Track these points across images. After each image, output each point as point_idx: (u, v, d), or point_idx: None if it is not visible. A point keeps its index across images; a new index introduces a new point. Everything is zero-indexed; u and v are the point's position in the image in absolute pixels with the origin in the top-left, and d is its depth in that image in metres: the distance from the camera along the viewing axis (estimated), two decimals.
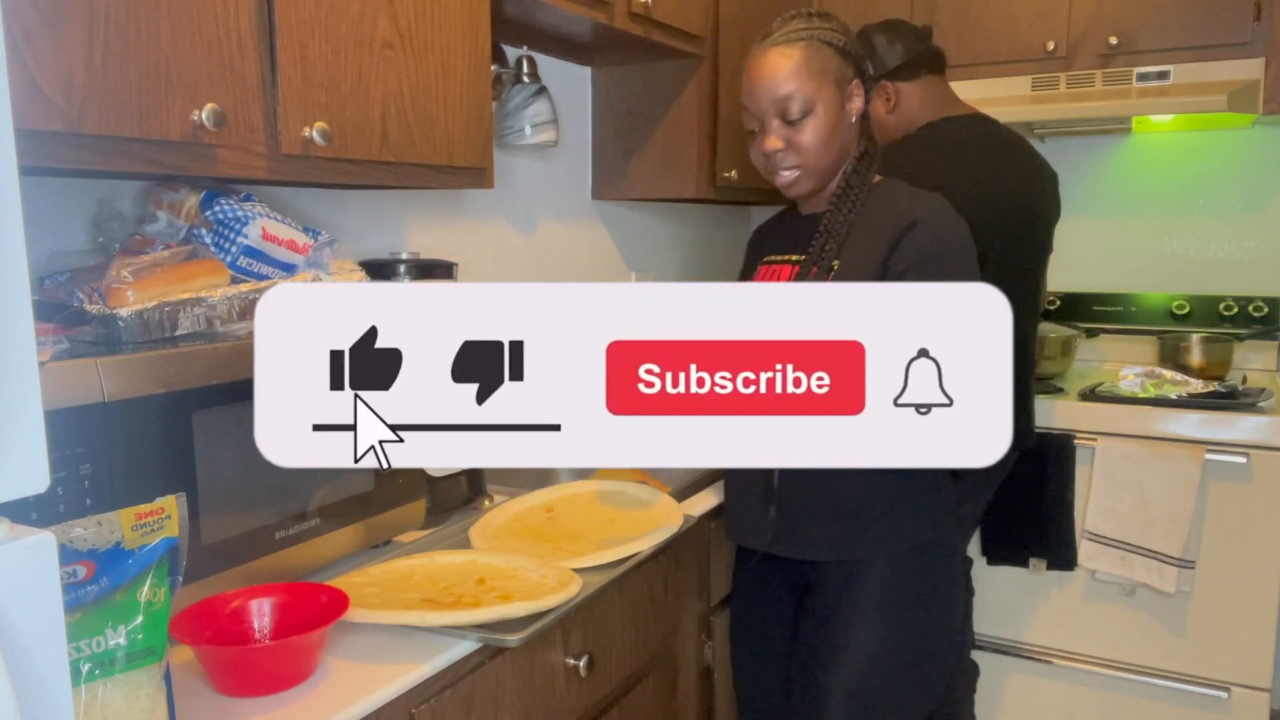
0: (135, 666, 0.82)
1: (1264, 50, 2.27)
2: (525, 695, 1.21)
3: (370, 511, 1.33)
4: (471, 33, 1.50)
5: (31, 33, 0.92)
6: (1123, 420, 2.24)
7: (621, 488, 1.63)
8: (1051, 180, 2.09)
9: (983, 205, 1.92)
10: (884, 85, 2.04)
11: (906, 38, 2.04)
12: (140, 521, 0.83)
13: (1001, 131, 2.04)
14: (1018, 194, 2.00)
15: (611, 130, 2.40)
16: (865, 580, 1.39)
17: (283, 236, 1.32)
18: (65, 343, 1.07)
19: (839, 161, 1.43)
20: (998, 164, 1.99)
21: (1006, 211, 1.96)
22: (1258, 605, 2.16)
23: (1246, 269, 2.67)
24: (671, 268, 2.84)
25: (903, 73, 2.03)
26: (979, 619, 2.35)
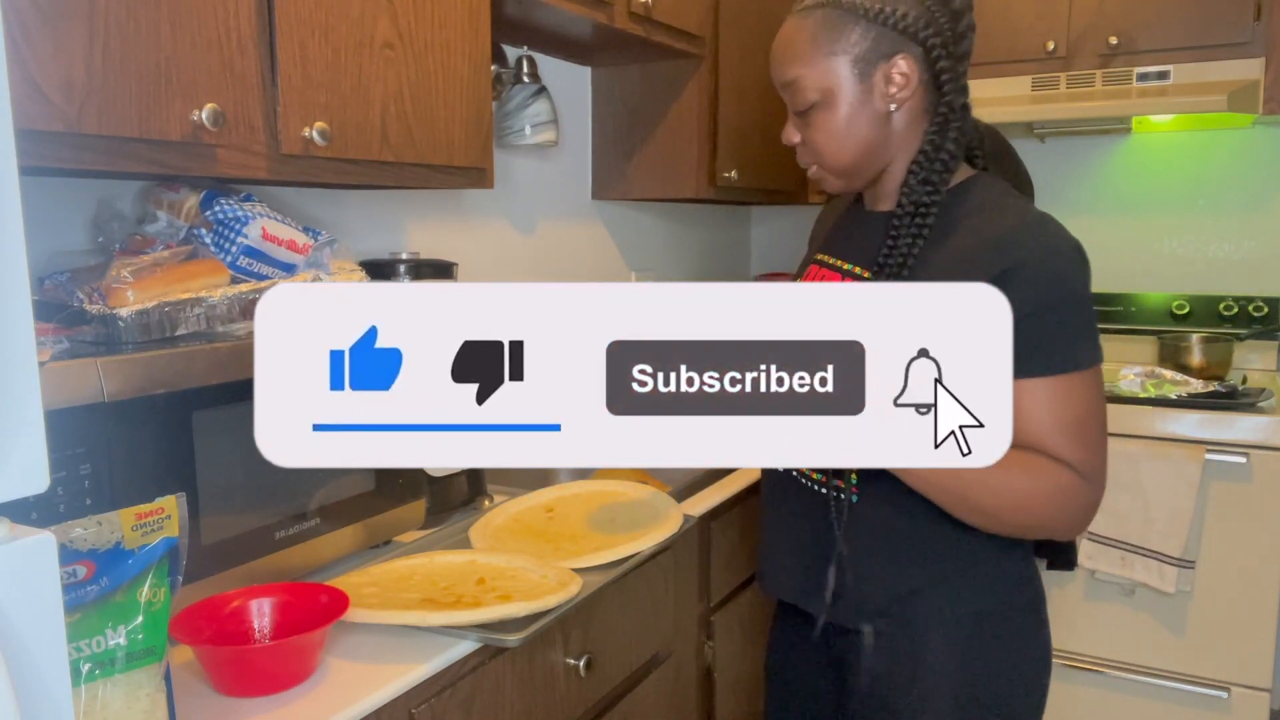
0: (135, 666, 0.82)
1: (1264, 50, 2.27)
2: (525, 695, 1.21)
3: (370, 511, 1.33)
4: (471, 33, 1.50)
5: (31, 33, 0.92)
6: (1123, 420, 2.24)
7: (621, 488, 1.63)
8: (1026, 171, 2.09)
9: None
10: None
11: None
12: (140, 521, 0.83)
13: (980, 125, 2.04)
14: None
15: (611, 130, 2.40)
16: (921, 653, 1.13)
17: (283, 236, 1.32)
18: (65, 343, 1.07)
19: (874, 159, 1.13)
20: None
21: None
22: (1258, 605, 2.16)
23: (1246, 269, 2.67)
24: (671, 268, 2.84)
25: None
26: None
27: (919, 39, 1.08)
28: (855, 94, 1.09)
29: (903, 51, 1.08)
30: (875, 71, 1.09)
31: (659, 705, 1.56)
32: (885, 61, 1.08)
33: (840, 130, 1.11)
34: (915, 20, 1.07)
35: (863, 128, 1.11)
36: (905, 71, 1.08)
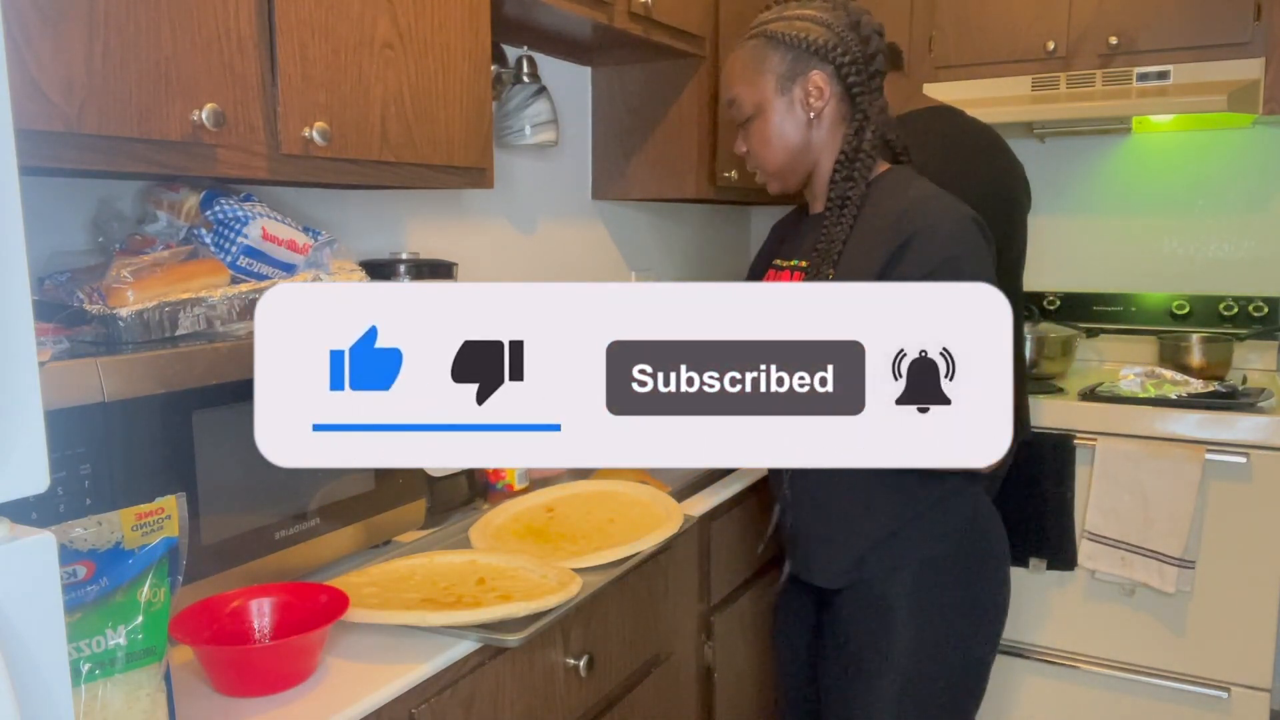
0: (135, 666, 0.82)
1: (1264, 50, 2.27)
2: (525, 695, 1.21)
3: (370, 511, 1.33)
4: (471, 33, 1.50)
5: (31, 33, 0.92)
6: (1123, 420, 2.24)
7: (621, 488, 1.63)
8: (1021, 167, 2.10)
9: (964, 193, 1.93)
10: None
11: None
12: (140, 521, 0.83)
13: (968, 121, 2.05)
14: (997, 182, 2.01)
15: (611, 130, 2.40)
16: (879, 600, 1.32)
17: (283, 236, 1.32)
18: (65, 343, 1.07)
19: (801, 161, 1.35)
20: (971, 150, 2.01)
21: (989, 198, 1.97)
22: (1258, 605, 2.16)
23: (1246, 269, 2.67)
24: (671, 268, 2.84)
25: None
26: None
27: (830, 58, 1.30)
28: (780, 106, 1.33)
29: (816, 69, 1.31)
30: (795, 87, 1.32)
31: (659, 705, 1.55)
32: (803, 78, 1.31)
33: (771, 137, 1.35)
34: (825, 43, 1.30)
35: (789, 134, 1.34)
36: (820, 85, 1.31)
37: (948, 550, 1.32)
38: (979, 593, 1.35)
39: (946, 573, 1.32)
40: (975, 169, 1.97)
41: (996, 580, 1.37)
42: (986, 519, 1.37)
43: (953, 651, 1.33)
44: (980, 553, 1.35)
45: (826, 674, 1.41)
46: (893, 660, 1.31)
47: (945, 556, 1.31)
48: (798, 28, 1.31)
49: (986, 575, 1.36)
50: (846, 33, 1.30)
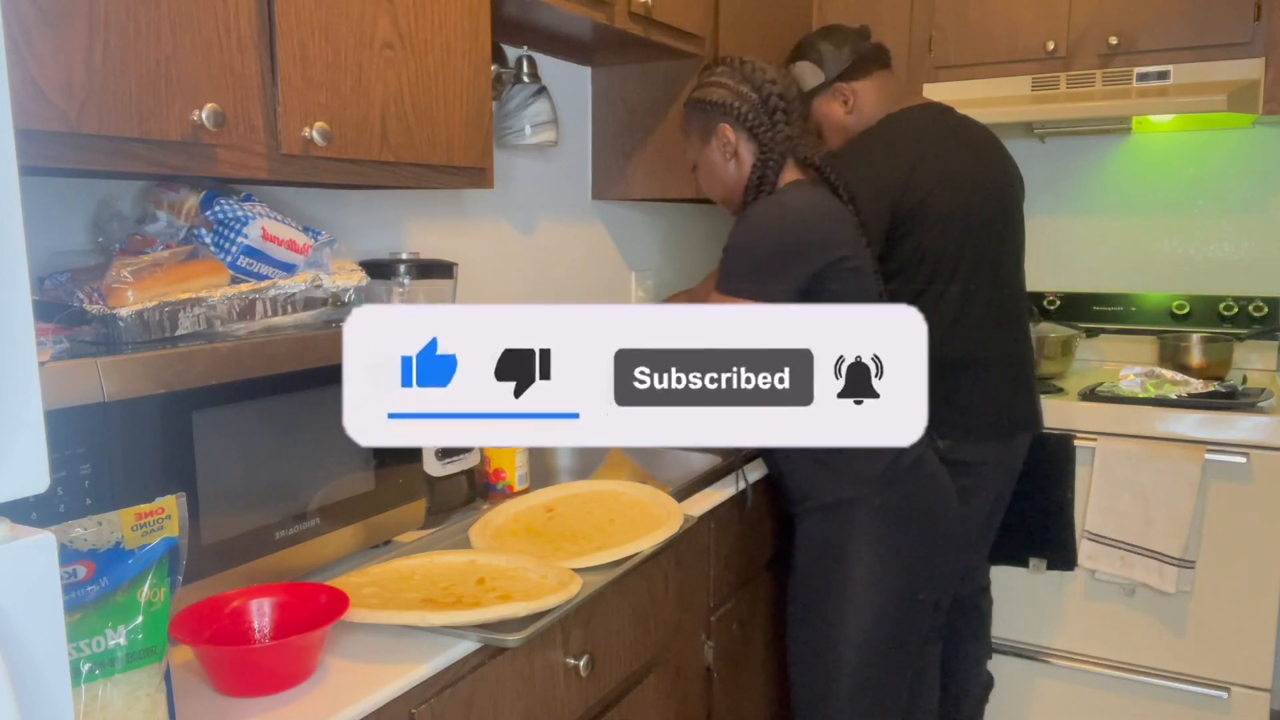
0: (135, 666, 0.82)
1: (1264, 50, 2.27)
2: (525, 695, 1.21)
3: (370, 511, 1.33)
4: (471, 33, 1.50)
5: (31, 33, 0.92)
6: (1123, 420, 2.24)
7: (621, 488, 1.63)
8: (1012, 160, 2.12)
9: (957, 185, 1.95)
10: (839, 88, 2.09)
11: (851, 40, 2.11)
12: (140, 521, 0.83)
13: (960, 118, 2.07)
14: (991, 178, 2.03)
15: (611, 130, 2.40)
16: (803, 536, 1.69)
17: (283, 236, 1.32)
18: (65, 343, 1.07)
19: (736, 190, 1.70)
20: (963, 146, 2.03)
21: (982, 191, 1.98)
22: (1258, 605, 2.16)
23: (1246, 269, 2.67)
24: (671, 268, 2.84)
25: (855, 73, 2.09)
26: None
27: (731, 111, 1.65)
28: (708, 155, 1.72)
29: (721, 122, 1.67)
30: (713, 138, 1.69)
31: (659, 705, 1.56)
32: (715, 130, 1.68)
33: (707, 177, 1.75)
34: (725, 101, 1.66)
35: (720, 173, 1.71)
36: (727, 135, 1.67)
37: (852, 497, 1.61)
38: (878, 540, 1.61)
39: (846, 517, 1.62)
40: (967, 163, 1.99)
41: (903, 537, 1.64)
42: (900, 486, 1.63)
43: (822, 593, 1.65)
44: (883, 505, 1.62)
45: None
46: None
47: (848, 502, 1.61)
48: (705, 93, 1.68)
49: (889, 526, 1.63)
50: (740, 87, 1.65)
